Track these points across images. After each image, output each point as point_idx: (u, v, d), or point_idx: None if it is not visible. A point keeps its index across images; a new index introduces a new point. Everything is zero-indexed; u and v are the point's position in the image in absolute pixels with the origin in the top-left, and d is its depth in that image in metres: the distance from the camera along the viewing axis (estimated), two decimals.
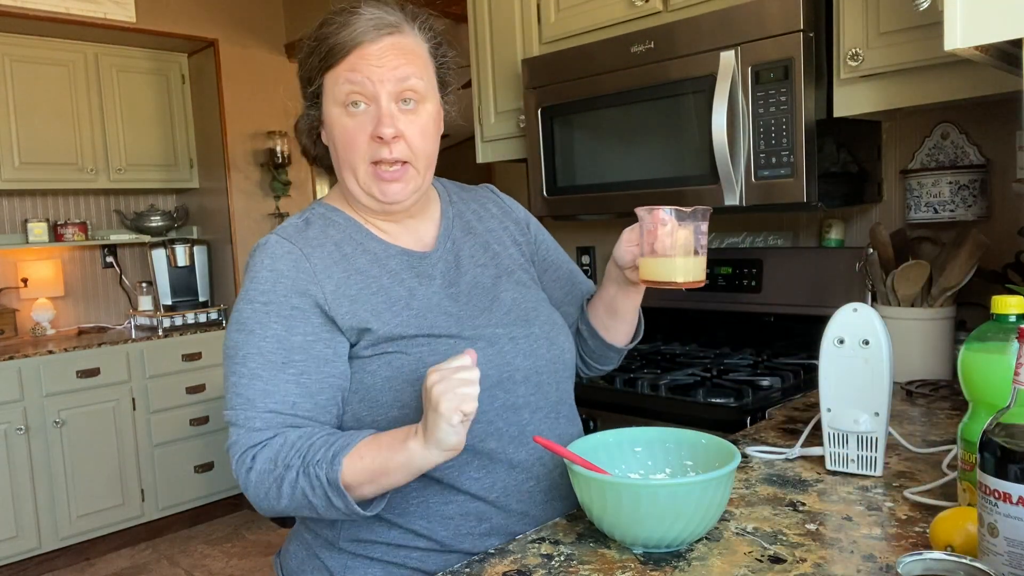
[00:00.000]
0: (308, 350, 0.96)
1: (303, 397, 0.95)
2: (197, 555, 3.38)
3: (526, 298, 1.11)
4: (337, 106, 0.99)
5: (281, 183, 3.97)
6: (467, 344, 1.00)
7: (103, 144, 3.61)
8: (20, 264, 3.66)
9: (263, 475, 0.91)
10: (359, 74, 0.97)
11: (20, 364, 3.11)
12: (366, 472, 0.88)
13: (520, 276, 1.15)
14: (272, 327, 0.95)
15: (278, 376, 0.94)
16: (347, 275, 1.00)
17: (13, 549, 3.10)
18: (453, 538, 1.00)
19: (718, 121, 1.70)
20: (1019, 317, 0.88)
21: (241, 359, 0.95)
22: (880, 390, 1.05)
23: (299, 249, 0.99)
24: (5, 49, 3.34)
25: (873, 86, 1.60)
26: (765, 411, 1.52)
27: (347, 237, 1.04)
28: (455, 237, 1.12)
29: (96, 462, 3.32)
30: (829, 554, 0.85)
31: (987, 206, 1.76)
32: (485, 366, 0.98)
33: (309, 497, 0.89)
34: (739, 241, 2.25)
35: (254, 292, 0.97)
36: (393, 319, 0.99)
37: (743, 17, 1.69)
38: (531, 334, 1.07)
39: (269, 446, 0.92)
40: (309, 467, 0.88)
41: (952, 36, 1.01)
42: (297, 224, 1.05)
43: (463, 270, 1.09)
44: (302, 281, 0.97)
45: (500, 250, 1.15)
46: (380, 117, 0.98)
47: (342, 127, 1.00)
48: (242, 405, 0.94)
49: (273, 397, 0.94)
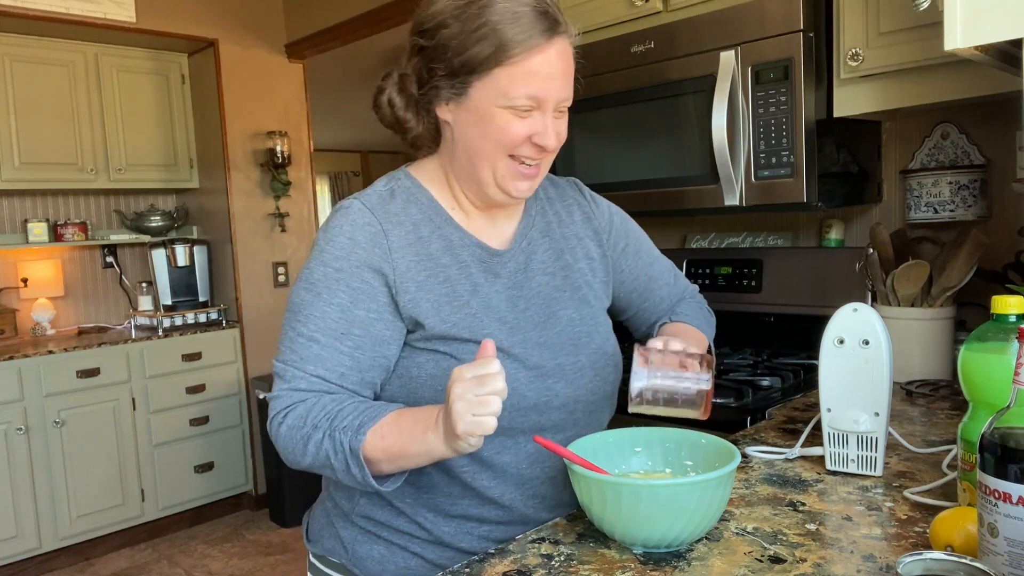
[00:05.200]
0: (368, 327, 0.97)
1: (352, 370, 0.97)
2: (197, 555, 3.38)
3: (584, 319, 1.09)
4: (501, 104, 0.95)
5: (281, 183, 3.97)
6: (514, 363, 1.00)
7: (103, 144, 3.61)
8: (20, 264, 3.66)
9: (292, 430, 0.94)
10: (538, 82, 0.94)
11: (20, 364, 3.11)
12: (386, 452, 0.89)
13: (585, 293, 1.11)
14: (339, 295, 0.96)
15: (334, 345, 0.96)
16: (419, 259, 0.99)
17: (13, 549, 3.10)
18: (453, 536, 1.03)
19: (718, 121, 1.70)
20: (1019, 317, 0.88)
21: (304, 318, 0.97)
22: (880, 390, 1.05)
23: (379, 223, 0.99)
24: (5, 49, 3.34)
25: (873, 86, 1.60)
26: (765, 411, 1.52)
27: (426, 219, 1.02)
28: (532, 238, 1.10)
29: (96, 462, 3.32)
30: (829, 554, 0.85)
31: (987, 206, 1.76)
32: (525, 387, 1.00)
33: (331, 459, 0.91)
34: (739, 241, 2.25)
35: (329, 255, 0.98)
36: (451, 315, 0.99)
37: (743, 17, 1.69)
38: (578, 363, 1.06)
39: (304, 404, 0.94)
40: (335, 432, 0.91)
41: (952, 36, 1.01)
42: (382, 193, 1.03)
43: (531, 274, 1.07)
44: (376, 257, 0.97)
45: (571, 261, 1.12)
46: (546, 126, 0.97)
47: (505, 124, 0.96)
48: (293, 362, 0.96)
49: (325, 364, 0.96)
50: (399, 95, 1.02)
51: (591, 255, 1.15)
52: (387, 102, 1.03)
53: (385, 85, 1.03)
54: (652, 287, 1.24)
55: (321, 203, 8.46)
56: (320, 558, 1.12)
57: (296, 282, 1.00)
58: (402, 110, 1.02)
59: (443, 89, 0.98)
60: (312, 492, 4.21)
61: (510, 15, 0.93)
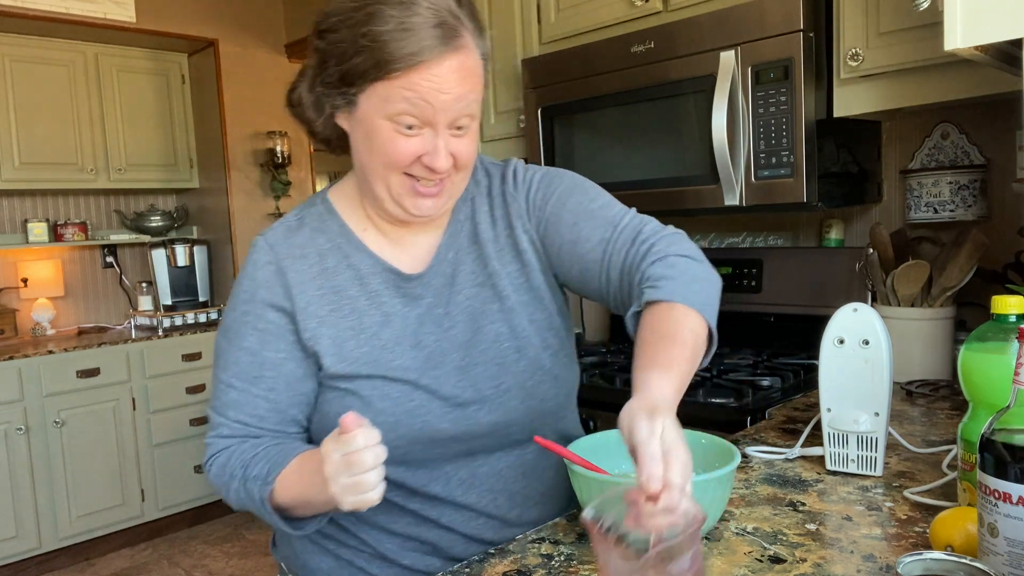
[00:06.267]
0: (279, 367, 0.95)
1: (272, 412, 0.96)
2: (197, 555, 3.38)
3: (514, 332, 0.99)
4: (384, 118, 0.87)
5: (281, 183, 3.97)
6: (425, 395, 0.95)
7: (103, 144, 3.61)
8: (20, 264, 3.66)
9: (218, 478, 0.95)
10: (420, 98, 0.85)
11: (20, 364, 3.11)
12: (293, 500, 0.88)
13: (514, 302, 1.00)
14: (248, 339, 0.96)
15: (249, 389, 0.95)
16: (322, 293, 0.96)
17: (13, 549, 3.10)
18: (397, 552, 1.01)
19: (718, 121, 1.70)
20: (1019, 317, 0.88)
21: (223, 364, 0.97)
22: (880, 390, 1.05)
23: (277, 262, 0.96)
24: (5, 49, 3.33)
25: (873, 86, 1.60)
26: (765, 411, 1.52)
27: (334, 248, 0.98)
28: (459, 247, 1.01)
29: (96, 462, 3.32)
30: (829, 554, 0.85)
31: (987, 206, 1.76)
32: (439, 419, 0.95)
33: (248, 506, 0.92)
34: (739, 241, 2.25)
35: (237, 299, 0.97)
36: (354, 351, 0.95)
37: (743, 17, 1.69)
38: (502, 385, 0.98)
39: (226, 452, 0.95)
40: (247, 481, 0.91)
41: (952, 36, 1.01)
42: (289, 224, 1.00)
43: (458, 288, 0.99)
44: (277, 296, 0.95)
45: (499, 267, 1.01)
46: (436, 147, 0.88)
47: (389, 140, 0.88)
48: (218, 408, 0.97)
49: (243, 409, 0.95)
50: (308, 93, 0.95)
51: (519, 247, 1.01)
52: (297, 99, 0.97)
53: (298, 82, 0.97)
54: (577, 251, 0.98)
55: None
56: (280, 567, 1.13)
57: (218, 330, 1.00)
58: (309, 109, 0.96)
59: (336, 97, 0.91)
60: None
61: (397, 27, 0.84)
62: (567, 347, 1.05)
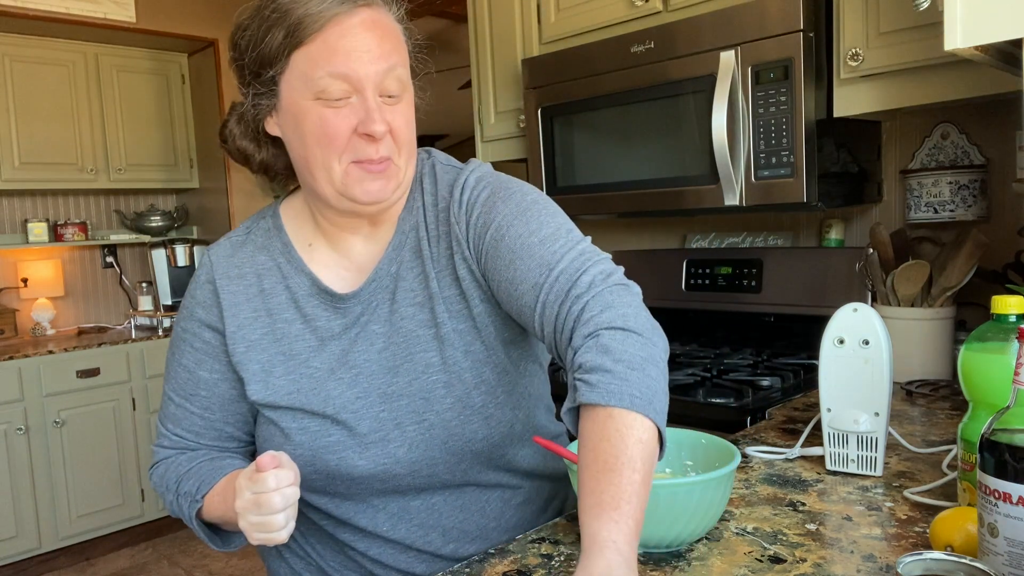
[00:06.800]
0: (213, 388, 0.97)
1: (207, 428, 0.99)
2: (197, 555, 3.38)
3: (446, 363, 0.92)
4: (308, 95, 0.84)
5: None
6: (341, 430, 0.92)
7: (103, 144, 3.61)
8: (20, 264, 3.66)
9: (157, 487, 0.99)
10: (341, 59, 0.82)
11: (20, 364, 3.11)
12: (219, 519, 0.92)
13: (448, 330, 0.92)
14: (186, 355, 0.98)
15: (186, 405, 0.98)
16: (255, 316, 0.94)
17: (13, 549, 3.10)
18: (338, 570, 1.03)
19: (718, 121, 1.70)
20: (1019, 317, 0.88)
21: (167, 376, 1.00)
22: (880, 390, 1.05)
23: (215, 280, 0.96)
24: (5, 49, 3.34)
25: (873, 86, 1.60)
26: (765, 411, 1.52)
27: (274, 267, 0.96)
28: (403, 259, 0.94)
29: (96, 462, 3.32)
30: (829, 554, 0.85)
31: (987, 206, 1.76)
32: (356, 456, 0.92)
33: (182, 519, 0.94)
34: (739, 241, 2.25)
35: (181, 314, 1.00)
36: (280, 379, 0.93)
37: (743, 17, 1.69)
38: (424, 421, 0.92)
39: (164, 463, 0.99)
40: (179, 497, 0.94)
41: (952, 36, 1.01)
42: (236, 240, 1.00)
43: (397, 304, 0.93)
44: (212, 316, 0.96)
45: (437, 290, 0.93)
46: (368, 111, 0.84)
47: (319, 119, 0.84)
48: (161, 419, 1.01)
49: (181, 424, 0.99)
50: (237, 124, 0.94)
51: (457, 274, 0.93)
52: (229, 133, 0.95)
53: (228, 117, 0.95)
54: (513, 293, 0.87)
55: None
56: None
57: None
58: (240, 139, 0.94)
59: (261, 99, 0.88)
60: None
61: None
62: (509, 384, 0.95)
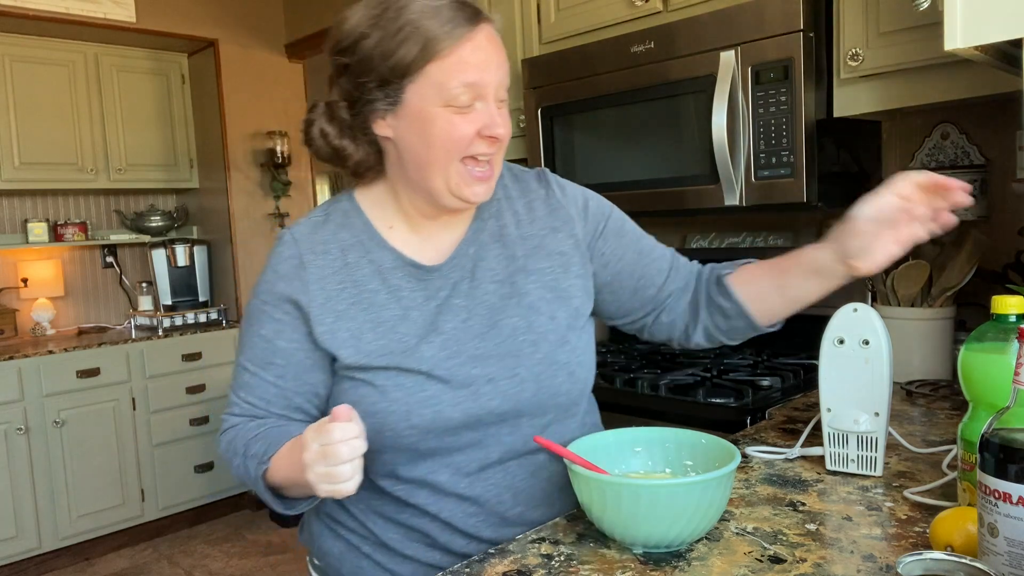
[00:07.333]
0: (290, 356, 1.00)
1: (279, 397, 1.02)
2: (197, 555, 3.38)
3: (531, 327, 1.02)
4: (438, 103, 0.92)
5: (281, 183, 3.97)
6: (438, 384, 0.97)
7: (103, 144, 3.61)
8: (20, 264, 3.66)
9: (225, 452, 1.02)
10: (473, 70, 0.92)
11: (20, 364, 3.11)
12: (285, 480, 0.94)
13: (534, 299, 1.03)
14: (265, 326, 1.01)
15: (260, 373, 1.01)
16: (342, 287, 0.99)
17: (13, 549, 3.10)
18: (399, 543, 1.04)
19: (718, 121, 1.70)
20: (1019, 317, 0.88)
21: (241, 348, 1.04)
22: (880, 390, 1.05)
23: (299, 256, 1.00)
24: (5, 49, 3.33)
25: (873, 86, 1.60)
26: (765, 411, 1.52)
27: (357, 243, 1.02)
28: (481, 243, 1.05)
29: (96, 462, 3.32)
30: (829, 554, 0.85)
31: (987, 206, 1.76)
32: (451, 408, 0.97)
33: (248, 482, 0.98)
34: (739, 241, 2.25)
35: (260, 288, 1.03)
36: (371, 343, 0.98)
37: (743, 17, 1.69)
38: (516, 375, 1.00)
39: (233, 430, 1.02)
40: (247, 459, 0.97)
41: (952, 36, 1.01)
42: (315, 220, 1.04)
43: (477, 282, 1.03)
44: (296, 289, 0.99)
45: (524, 263, 1.05)
46: (491, 116, 0.95)
47: (447, 124, 0.93)
48: (233, 388, 1.04)
49: (253, 392, 1.02)
50: (330, 124, 1.00)
51: (559, 248, 1.07)
52: (319, 134, 1.00)
53: (313, 117, 1.01)
54: (643, 261, 1.11)
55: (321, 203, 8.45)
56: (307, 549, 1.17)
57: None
58: (336, 139, 0.99)
59: (377, 102, 0.95)
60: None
61: (430, 11, 0.91)
62: (584, 348, 1.07)
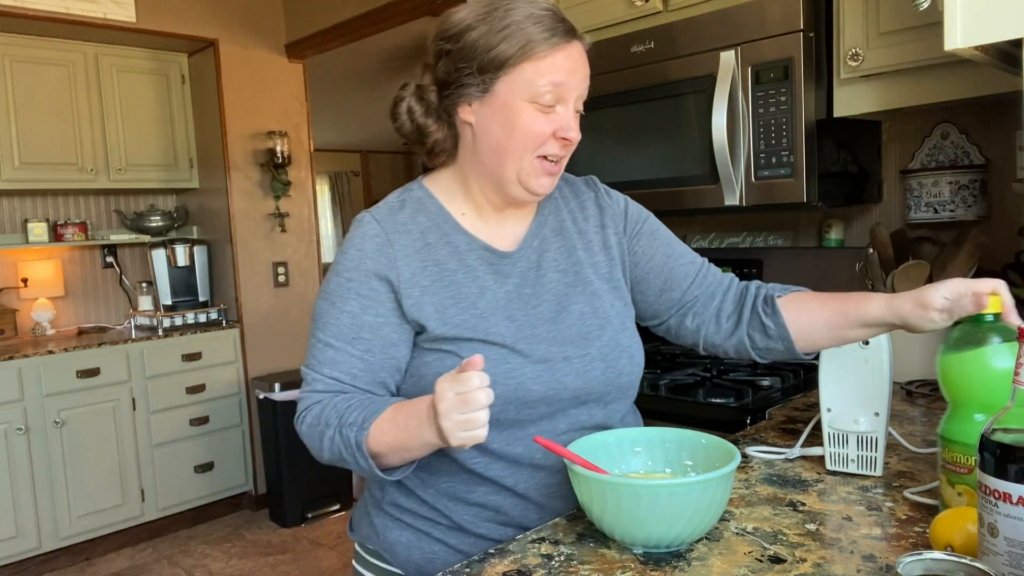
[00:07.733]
0: (377, 331, 1.04)
1: (364, 371, 1.04)
2: (197, 555, 3.38)
3: (596, 312, 1.11)
4: (525, 97, 1.01)
5: (281, 183, 3.97)
6: (519, 358, 1.03)
7: (103, 144, 3.61)
8: (20, 264, 3.66)
9: (311, 428, 1.02)
10: (562, 74, 1.01)
11: (20, 364, 3.11)
12: (387, 445, 0.95)
13: (597, 287, 1.13)
14: (350, 303, 1.04)
15: (346, 348, 1.04)
16: (424, 265, 1.05)
17: (13, 549, 3.10)
18: (472, 522, 1.07)
19: (718, 121, 1.70)
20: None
21: (322, 325, 1.05)
22: (880, 390, 1.05)
23: (385, 234, 1.06)
24: (5, 49, 3.33)
25: (873, 86, 1.60)
26: (765, 411, 1.52)
27: (434, 226, 1.08)
28: (544, 236, 1.14)
29: (96, 462, 3.32)
30: (829, 554, 0.85)
31: (987, 206, 1.76)
32: (532, 381, 1.03)
33: (343, 454, 0.98)
34: (739, 241, 2.25)
35: (342, 267, 1.06)
36: (455, 317, 1.04)
37: (743, 17, 1.69)
38: (587, 355, 1.07)
39: (320, 404, 1.02)
40: (344, 428, 0.97)
41: (952, 36, 1.01)
42: (392, 205, 1.10)
43: (543, 271, 1.11)
44: (382, 265, 1.04)
45: (584, 256, 1.14)
46: (568, 120, 1.03)
47: (530, 119, 1.02)
48: (313, 366, 1.05)
49: (339, 367, 1.04)
50: (418, 103, 1.08)
51: (608, 243, 1.17)
52: (406, 110, 1.09)
53: (403, 95, 1.09)
54: (671, 264, 1.19)
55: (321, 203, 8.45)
56: (361, 545, 1.18)
57: (318, 295, 1.09)
58: (422, 117, 1.08)
59: (470, 87, 1.03)
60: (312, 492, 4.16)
61: (533, 18, 1.01)
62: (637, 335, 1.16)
